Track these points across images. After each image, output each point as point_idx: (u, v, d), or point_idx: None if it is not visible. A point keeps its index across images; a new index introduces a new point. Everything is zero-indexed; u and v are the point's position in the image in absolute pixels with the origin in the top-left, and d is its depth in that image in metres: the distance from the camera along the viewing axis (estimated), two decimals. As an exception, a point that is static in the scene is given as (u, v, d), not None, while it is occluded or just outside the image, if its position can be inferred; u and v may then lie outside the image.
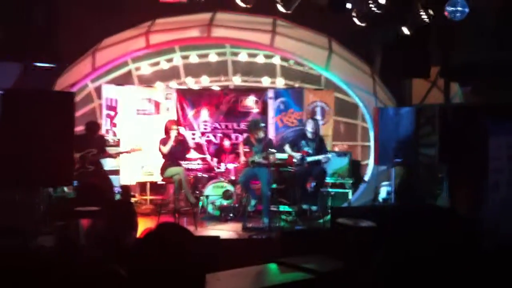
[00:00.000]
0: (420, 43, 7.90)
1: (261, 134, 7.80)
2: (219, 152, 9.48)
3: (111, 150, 8.57)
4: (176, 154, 8.08)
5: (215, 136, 9.94)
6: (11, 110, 5.47)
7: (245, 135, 9.28)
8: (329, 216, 7.51)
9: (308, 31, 9.34)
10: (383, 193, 8.50)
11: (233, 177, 8.70)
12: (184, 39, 9.32)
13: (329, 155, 8.04)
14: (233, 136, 9.83)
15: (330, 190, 8.49)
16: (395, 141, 7.66)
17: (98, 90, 9.90)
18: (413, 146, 7.86)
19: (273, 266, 4.71)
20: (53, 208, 7.42)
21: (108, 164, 8.65)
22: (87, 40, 9.27)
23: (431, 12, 7.23)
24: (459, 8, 6.95)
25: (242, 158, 7.97)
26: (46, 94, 6.65)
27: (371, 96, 9.03)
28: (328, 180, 8.46)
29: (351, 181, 8.68)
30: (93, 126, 8.26)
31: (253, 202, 7.87)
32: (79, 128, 8.32)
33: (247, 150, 8.00)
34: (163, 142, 8.00)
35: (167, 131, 8.02)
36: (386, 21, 8.91)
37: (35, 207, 6.93)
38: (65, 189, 7.84)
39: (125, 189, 8.07)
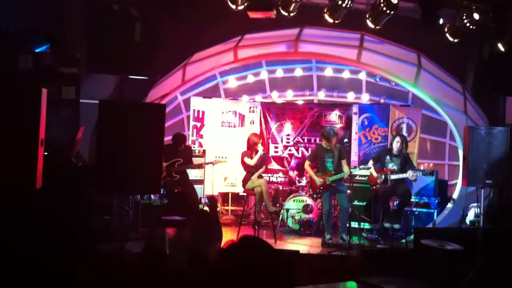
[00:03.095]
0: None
1: (334, 141, 7.74)
2: (300, 166, 9.50)
3: (197, 160, 8.81)
4: (258, 166, 8.18)
5: (297, 150, 9.98)
6: (105, 119, 5.73)
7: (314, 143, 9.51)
8: (412, 236, 7.31)
9: (396, 46, 9.17)
10: (471, 215, 8.12)
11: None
12: (271, 54, 9.44)
13: (417, 173, 7.75)
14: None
15: (414, 209, 8.25)
16: (486, 161, 7.33)
17: (186, 102, 10.28)
18: (506, 168, 7.48)
19: (352, 285, 4.65)
20: (142, 215, 7.79)
21: (192, 174, 8.91)
22: (180, 54, 9.68)
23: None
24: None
25: (319, 181, 7.71)
26: (138, 105, 6.95)
27: (462, 114, 8.66)
28: (413, 199, 8.21)
29: (436, 201, 8.38)
30: (179, 138, 8.45)
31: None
32: (167, 138, 8.64)
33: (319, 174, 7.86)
34: (249, 155, 8.12)
35: (253, 145, 8.09)
36: (480, 37, 8.58)
37: (126, 214, 7.29)
38: (152, 196, 8.17)
39: (212, 200, 8.26)
